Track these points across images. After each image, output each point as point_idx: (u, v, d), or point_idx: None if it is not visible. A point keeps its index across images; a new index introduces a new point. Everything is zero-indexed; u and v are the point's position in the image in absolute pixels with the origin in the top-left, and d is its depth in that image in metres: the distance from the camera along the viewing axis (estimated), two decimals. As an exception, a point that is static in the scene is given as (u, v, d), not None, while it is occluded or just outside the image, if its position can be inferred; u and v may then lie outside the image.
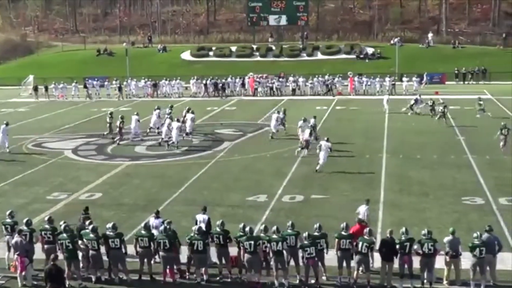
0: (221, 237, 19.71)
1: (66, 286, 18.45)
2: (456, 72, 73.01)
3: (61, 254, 19.34)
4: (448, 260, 18.95)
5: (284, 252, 19.14)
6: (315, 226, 19.74)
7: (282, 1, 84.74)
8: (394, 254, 18.92)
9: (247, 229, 19.46)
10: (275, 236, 19.12)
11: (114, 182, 31.85)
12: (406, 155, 35.78)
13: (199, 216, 21.50)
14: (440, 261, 18.99)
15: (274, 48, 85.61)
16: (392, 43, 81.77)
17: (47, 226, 20.32)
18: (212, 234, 19.97)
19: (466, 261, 18.81)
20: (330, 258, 19.46)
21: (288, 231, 19.50)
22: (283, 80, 67.48)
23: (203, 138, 42.49)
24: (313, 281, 19.06)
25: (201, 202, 27.19)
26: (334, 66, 76.51)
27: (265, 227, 19.87)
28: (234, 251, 19.95)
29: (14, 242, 19.76)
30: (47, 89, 66.75)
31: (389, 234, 19.23)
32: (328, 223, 22.22)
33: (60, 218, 22.18)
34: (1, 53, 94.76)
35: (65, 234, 19.47)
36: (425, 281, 18.81)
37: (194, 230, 19.69)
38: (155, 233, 20.23)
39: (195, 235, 19.48)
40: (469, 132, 42.18)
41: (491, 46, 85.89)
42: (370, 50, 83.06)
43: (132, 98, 65.06)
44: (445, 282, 18.96)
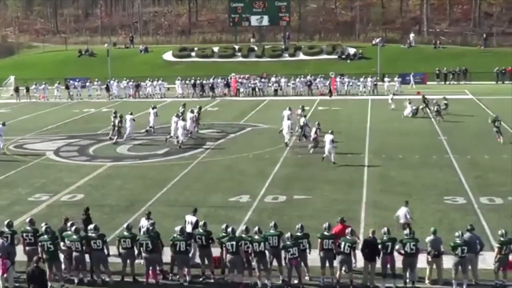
0: (203, 237, 19.69)
1: (48, 288, 18.38)
2: (437, 72, 73.31)
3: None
4: (430, 259, 19.04)
5: (266, 252, 19.16)
6: (297, 226, 19.78)
7: (264, 1, 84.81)
8: (376, 254, 18.99)
9: (229, 229, 19.46)
10: (257, 236, 19.13)
11: (96, 183, 31.71)
12: (389, 156, 35.87)
13: (188, 217, 21.49)
14: (422, 260, 19.08)
15: (256, 48, 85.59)
16: (373, 44, 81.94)
17: (29, 228, 20.22)
18: (194, 235, 19.95)
19: (449, 260, 18.90)
20: (313, 258, 19.49)
21: (270, 232, 19.52)
22: (265, 80, 67.53)
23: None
24: (296, 281, 19.08)
25: (183, 203, 27.27)
26: (316, 66, 76.69)
27: (246, 228, 19.90)
28: (217, 252, 19.94)
29: (-5, 244, 19.64)
30: (29, 90, 66.31)
31: (371, 234, 19.29)
32: (310, 224, 22.23)
33: (42, 219, 22.07)
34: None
35: (46, 236, 19.38)
36: (407, 280, 18.88)
37: (177, 231, 19.65)
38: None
39: (178, 236, 19.45)
40: (450, 132, 42.37)
41: (472, 46, 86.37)
42: (352, 51, 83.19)
43: (114, 99, 64.81)
44: (427, 281, 19.04)
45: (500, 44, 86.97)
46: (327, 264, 19.30)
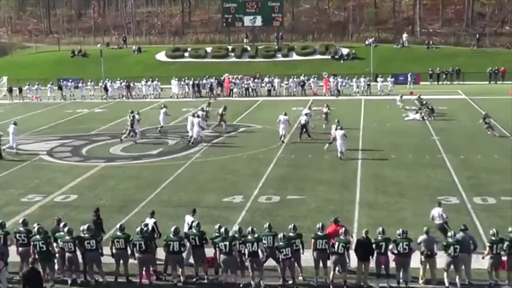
0: (197, 238, 19.67)
1: (43, 289, 18.33)
2: (430, 72, 73.44)
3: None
4: (423, 259, 19.07)
5: (259, 252, 19.16)
6: (290, 226, 19.80)
7: (257, 2, 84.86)
8: (370, 254, 19.00)
9: (222, 230, 19.45)
10: (250, 237, 19.13)
11: (89, 184, 31.64)
12: (382, 156, 35.91)
13: (188, 217, 21.51)
14: (416, 260, 19.10)
15: (249, 49, 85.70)
16: (366, 44, 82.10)
17: (22, 229, 20.18)
18: (188, 235, 19.94)
19: (442, 260, 18.93)
20: (307, 258, 19.49)
21: (265, 232, 19.53)
22: (259, 81, 67.57)
23: (179, 139, 42.33)
24: (290, 281, 19.07)
25: (177, 203, 27.26)
26: (309, 66, 76.74)
27: (239, 229, 19.90)
28: (210, 252, 19.93)
29: (-12, 245, 19.59)
30: (21, 90, 66.15)
31: (364, 234, 19.30)
32: (304, 224, 22.24)
33: (35, 220, 22.05)
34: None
35: (38, 236, 19.35)
36: (401, 280, 18.90)
37: (172, 231, 19.63)
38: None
39: (171, 236, 19.44)
40: (443, 132, 42.44)
41: (465, 46, 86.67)
42: (345, 51, 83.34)
43: (108, 99, 64.67)
44: (421, 281, 19.07)
45: (493, 44, 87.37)
46: (321, 264, 19.30)
